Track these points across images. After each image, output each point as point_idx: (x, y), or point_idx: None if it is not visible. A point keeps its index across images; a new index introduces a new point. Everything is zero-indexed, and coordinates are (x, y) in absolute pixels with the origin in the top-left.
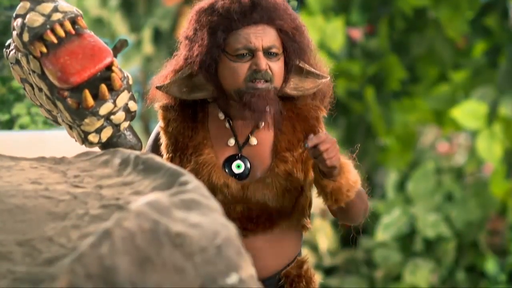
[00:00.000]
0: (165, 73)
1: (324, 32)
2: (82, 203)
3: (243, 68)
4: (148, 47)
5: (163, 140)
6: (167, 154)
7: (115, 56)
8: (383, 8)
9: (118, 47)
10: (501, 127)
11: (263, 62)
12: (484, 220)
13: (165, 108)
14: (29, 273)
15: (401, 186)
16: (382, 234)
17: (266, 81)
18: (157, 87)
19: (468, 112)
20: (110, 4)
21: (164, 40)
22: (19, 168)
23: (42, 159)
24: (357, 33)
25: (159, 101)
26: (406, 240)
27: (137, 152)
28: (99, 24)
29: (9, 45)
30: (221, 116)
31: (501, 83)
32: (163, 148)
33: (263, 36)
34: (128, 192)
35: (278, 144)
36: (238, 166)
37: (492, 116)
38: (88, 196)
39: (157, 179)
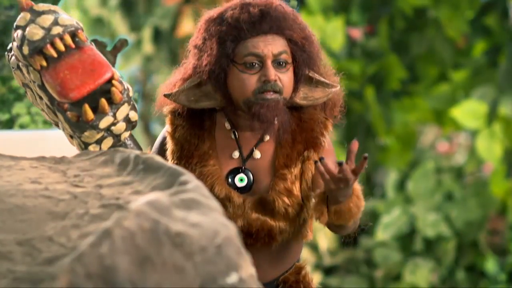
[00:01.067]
0: (173, 81)
1: (324, 32)
2: (82, 202)
3: (252, 79)
4: (148, 47)
5: (169, 145)
6: (172, 161)
7: (115, 55)
8: (383, 7)
9: (118, 47)
10: (501, 127)
11: (272, 73)
12: (484, 219)
13: (174, 113)
14: (29, 273)
15: (401, 185)
16: (382, 233)
17: (275, 92)
18: (165, 95)
19: (468, 111)
20: (110, 4)
21: (164, 39)
22: (19, 168)
23: (42, 158)
24: (357, 33)
25: (167, 106)
26: (406, 240)
27: (137, 152)
28: (99, 23)
29: (11, 49)
30: (228, 126)
31: (501, 82)
32: (168, 154)
33: (272, 45)
34: (128, 192)
35: (276, 160)
36: (241, 180)
37: (492, 116)
38: (88, 195)
39: (157, 179)
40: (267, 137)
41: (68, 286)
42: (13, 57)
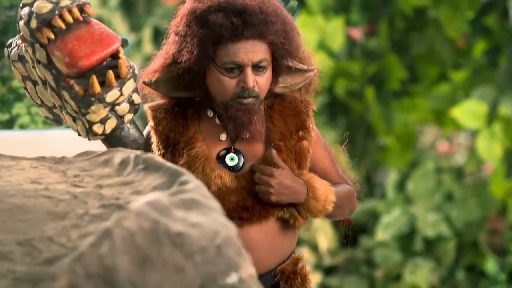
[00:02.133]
0: (153, 67)
1: (324, 32)
2: (82, 202)
3: (231, 83)
4: (148, 47)
5: (154, 138)
6: (159, 151)
7: None
8: (383, 7)
9: None
10: (501, 127)
11: (251, 80)
12: (484, 219)
13: (154, 108)
14: (29, 273)
15: (401, 185)
16: (382, 233)
17: (253, 97)
18: (144, 82)
19: (468, 111)
20: (110, 4)
21: (164, 39)
22: (19, 168)
23: (42, 158)
24: (357, 33)
25: (149, 96)
26: (406, 240)
27: (137, 152)
28: None
29: (10, 44)
30: (210, 113)
31: (501, 82)
32: (154, 146)
33: (253, 52)
34: (128, 192)
35: (271, 135)
36: (232, 159)
37: (492, 116)
38: (88, 195)
39: (157, 179)
40: (254, 117)
41: (68, 286)
42: (14, 50)
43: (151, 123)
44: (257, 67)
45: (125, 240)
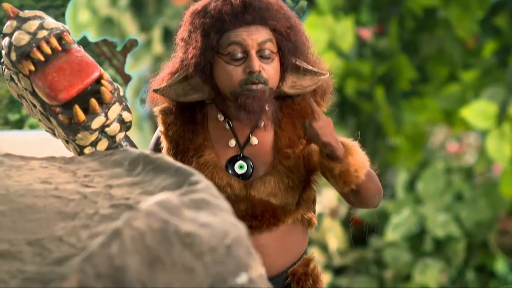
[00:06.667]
0: (162, 75)
1: (333, 32)
2: (92, 202)
3: (237, 71)
4: (157, 47)
5: (164, 144)
6: None
7: (125, 55)
8: (393, 8)
9: (128, 47)
10: (511, 127)
11: (256, 64)
12: (494, 220)
13: (164, 112)
14: (39, 273)
15: (411, 186)
16: (392, 234)
17: (261, 83)
18: (154, 90)
19: (478, 112)
20: (120, 4)
21: (173, 40)
22: (29, 168)
23: (52, 158)
24: (367, 33)
25: (159, 104)
26: (415, 240)
27: (147, 152)
28: (108, 23)
29: (2, 62)
30: (220, 117)
31: (510, 83)
32: (164, 152)
33: (256, 34)
34: (138, 192)
35: (279, 141)
36: (241, 167)
37: (501, 116)
38: (98, 195)
39: (167, 179)
40: (262, 123)
41: (78, 286)
42: (6, 70)
43: (161, 128)
44: (262, 54)
45: (135, 240)
